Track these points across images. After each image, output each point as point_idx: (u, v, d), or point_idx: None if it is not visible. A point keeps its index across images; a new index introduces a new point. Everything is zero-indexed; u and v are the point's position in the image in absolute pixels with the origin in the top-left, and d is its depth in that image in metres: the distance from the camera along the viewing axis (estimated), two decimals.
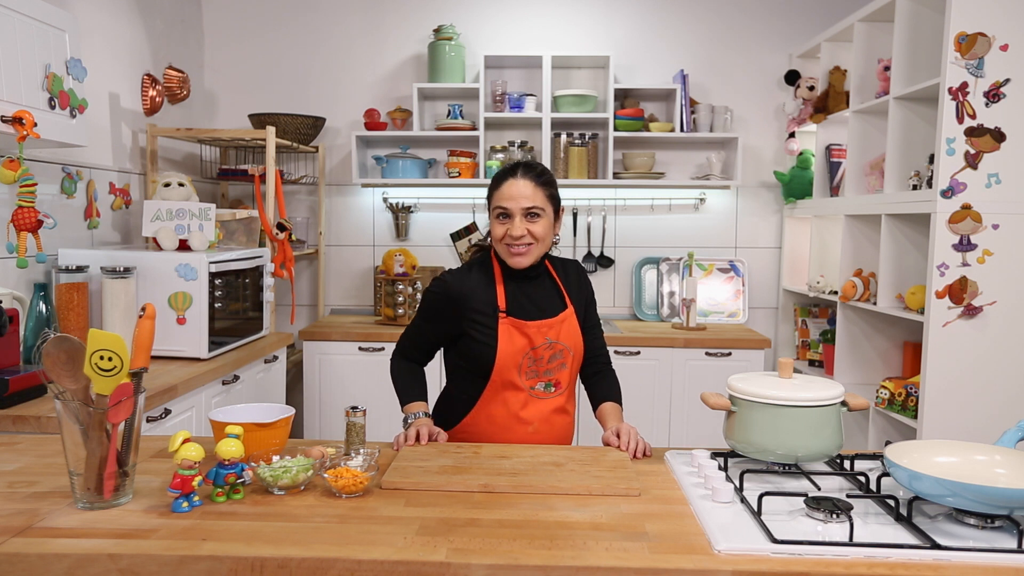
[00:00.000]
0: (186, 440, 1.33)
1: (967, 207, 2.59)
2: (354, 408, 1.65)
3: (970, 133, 2.57)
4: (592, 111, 3.82)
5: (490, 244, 1.99)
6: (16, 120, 2.04)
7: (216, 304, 2.70)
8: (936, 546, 1.18)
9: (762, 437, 1.50)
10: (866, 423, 3.16)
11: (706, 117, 3.85)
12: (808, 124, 3.75)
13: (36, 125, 2.09)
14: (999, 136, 2.56)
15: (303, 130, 3.72)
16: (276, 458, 1.48)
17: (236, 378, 2.80)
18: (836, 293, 3.41)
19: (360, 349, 3.57)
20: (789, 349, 3.99)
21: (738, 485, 1.41)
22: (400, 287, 3.66)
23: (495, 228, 1.90)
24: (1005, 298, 2.62)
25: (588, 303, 2.05)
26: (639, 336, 3.57)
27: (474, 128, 3.82)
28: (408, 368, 2.01)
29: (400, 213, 4.04)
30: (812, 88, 3.74)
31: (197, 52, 3.94)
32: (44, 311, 2.37)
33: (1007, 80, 2.55)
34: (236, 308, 2.90)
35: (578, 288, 2.03)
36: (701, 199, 4.04)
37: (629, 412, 2.62)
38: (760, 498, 1.30)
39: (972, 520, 1.26)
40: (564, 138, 3.88)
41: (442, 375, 2.07)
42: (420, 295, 3.69)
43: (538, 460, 1.60)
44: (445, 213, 4.09)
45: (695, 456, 1.56)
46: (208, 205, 2.87)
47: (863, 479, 1.43)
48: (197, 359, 2.63)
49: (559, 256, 2.09)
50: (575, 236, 4.08)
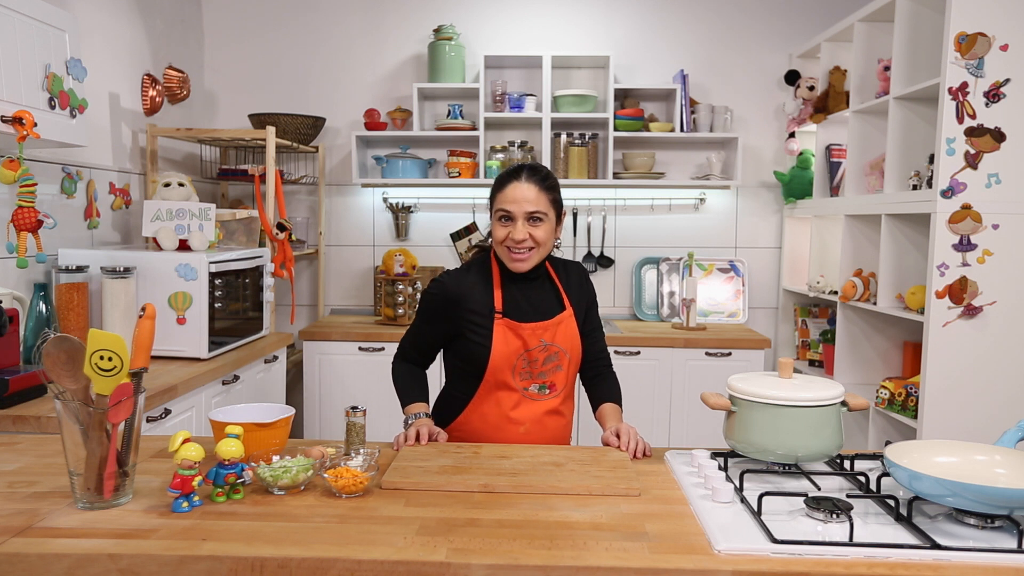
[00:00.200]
0: (186, 440, 1.33)
1: (967, 207, 2.59)
2: (354, 408, 1.65)
3: (970, 133, 2.57)
4: (592, 111, 3.82)
5: (490, 245, 1.99)
6: (16, 120, 2.04)
7: (216, 304, 2.70)
8: (936, 546, 1.18)
9: (762, 437, 1.50)
10: (866, 423, 3.16)
11: (706, 117, 3.85)
12: (808, 124, 3.75)
13: (36, 125, 2.09)
14: (999, 136, 2.57)
15: (303, 130, 3.72)
16: (276, 458, 1.48)
17: (236, 378, 2.80)
18: (836, 293, 3.41)
19: (360, 349, 3.57)
20: (789, 349, 3.99)
21: (738, 485, 1.41)
22: (400, 287, 3.66)
23: (497, 230, 1.88)
24: (1005, 298, 2.62)
25: (590, 305, 2.04)
26: (639, 336, 3.57)
27: (474, 128, 3.82)
28: (409, 370, 2.02)
29: (400, 213, 4.04)
30: (812, 88, 3.74)
31: (197, 52, 3.95)
32: (44, 311, 2.37)
33: (1007, 80, 2.55)
34: (236, 308, 2.90)
35: (579, 290, 2.01)
36: (701, 199, 4.04)
37: (629, 412, 2.62)
38: (760, 498, 1.30)
39: (972, 520, 1.26)
40: (564, 138, 3.88)
41: (442, 375, 2.08)
42: (420, 295, 3.69)
43: (538, 460, 1.60)
44: (445, 213, 4.09)
45: (695, 456, 1.56)
46: (208, 205, 2.87)
47: (863, 479, 1.43)
48: (197, 359, 2.63)
49: (561, 257, 2.08)
50: (575, 236, 4.08)
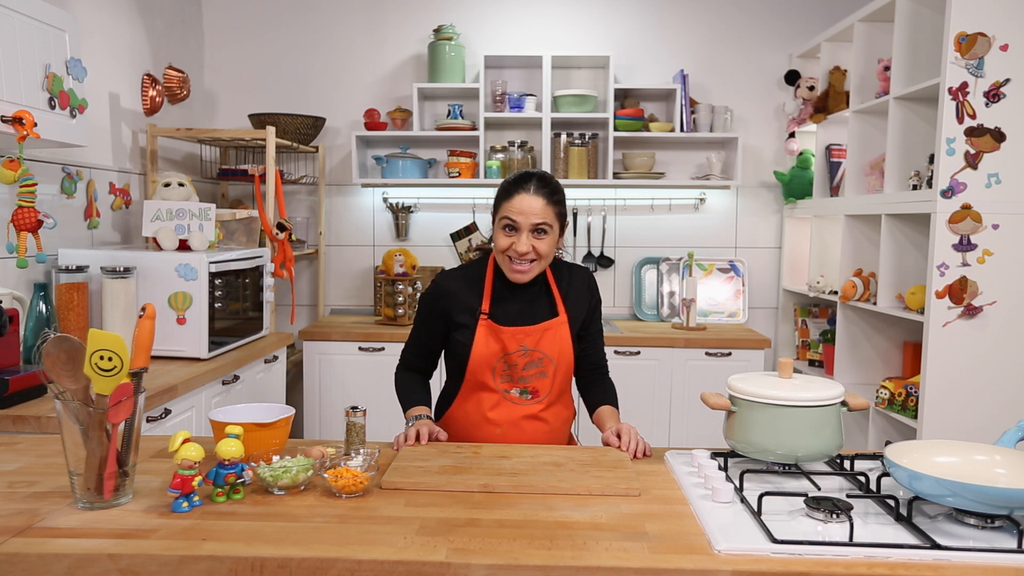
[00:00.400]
0: (186, 440, 1.33)
1: (967, 207, 2.59)
2: (354, 408, 1.65)
3: (970, 133, 2.57)
4: (592, 111, 3.82)
5: (489, 249, 1.99)
6: (16, 120, 2.04)
7: (216, 304, 2.70)
8: (936, 546, 1.18)
9: (762, 437, 1.50)
10: (866, 423, 3.16)
11: (706, 117, 3.85)
12: (808, 124, 3.75)
13: (36, 125, 2.09)
14: (999, 136, 2.56)
15: (303, 130, 3.72)
16: (276, 458, 1.48)
17: (236, 378, 2.80)
18: (836, 293, 3.41)
19: (360, 349, 3.57)
20: (789, 349, 3.99)
21: (738, 485, 1.41)
22: (400, 287, 3.66)
23: (500, 238, 1.86)
24: (1005, 298, 2.62)
25: (593, 310, 2.01)
26: (639, 336, 3.57)
27: (474, 128, 3.82)
28: (410, 377, 2.03)
29: (400, 213, 4.04)
30: (812, 88, 3.74)
31: (197, 52, 3.94)
32: (44, 311, 2.37)
33: (1007, 80, 2.55)
34: (236, 308, 2.90)
35: (580, 297, 1.97)
36: (701, 199, 4.04)
37: (629, 412, 2.62)
38: (760, 498, 1.30)
39: (972, 520, 1.26)
40: (564, 138, 3.88)
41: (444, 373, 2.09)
42: (420, 295, 3.69)
43: (538, 460, 1.60)
44: (445, 213, 4.09)
45: (695, 456, 1.56)
46: (208, 205, 2.87)
47: (863, 479, 1.43)
48: (197, 359, 2.63)
49: (568, 262, 2.04)
50: (575, 236, 4.08)
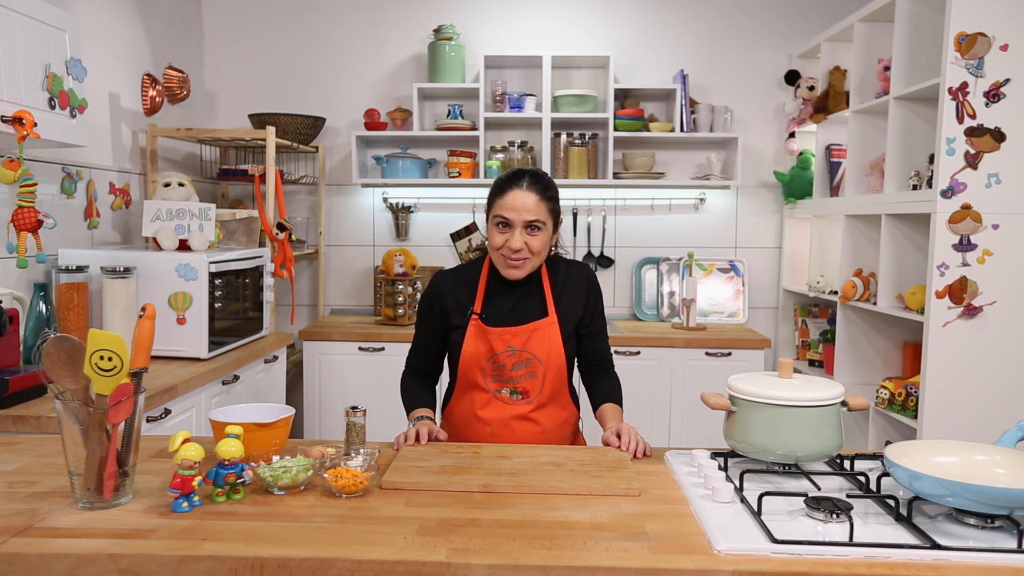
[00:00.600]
0: (186, 440, 1.33)
1: (967, 207, 2.59)
2: (354, 408, 1.65)
3: (970, 133, 2.57)
4: (592, 111, 3.82)
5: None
6: (16, 120, 2.04)
7: (216, 304, 2.70)
8: (936, 546, 1.18)
9: (762, 437, 1.50)
10: (866, 423, 3.16)
11: (706, 117, 3.85)
12: (808, 124, 3.75)
13: (36, 125, 2.09)
14: (999, 136, 2.56)
15: (303, 130, 3.72)
16: (276, 458, 1.48)
17: (236, 378, 2.80)
18: (836, 293, 3.41)
19: (360, 349, 3.57)
20: (789, 349, 3.99)
21: (738, 485, 1.41)
22: (400, 287, 3.66)
23: (494, 236, 1.87)
24: (1005, 298, 2.62)
25: (595, 309, 2.00)
26: (639, 336, 3.57)
27: (474, 128, 3.82)
28: (414, 381, 2.04)
29: (400, 213, 4.04)
30: (812, 88, 3.74)
31: (197, 52, 3.94)
32: (44, 311, 2.37)
33: (1007, 80, 2.55)
34: (236, 308, 2.90)
35: (576, 295, 1.97)
36: (701, 199, 4.04)
37: (629, 412, 2.62)
38: (760, 498, 1.30)
39: (972, 520, 1.26)
40: (564, 138, 3.88)
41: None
42: (420, 295, 3.69)
43: (538, 460, 1.60)
44: (445, 213, 4.09)
45: (695, 456, 1.56)
46: (208, 205, 2.87)
47: (863, 479, 1.43)
48: (197, 359, 2.63)
49: (567, 259, 2.03)
50: (575, 236, 4.08)
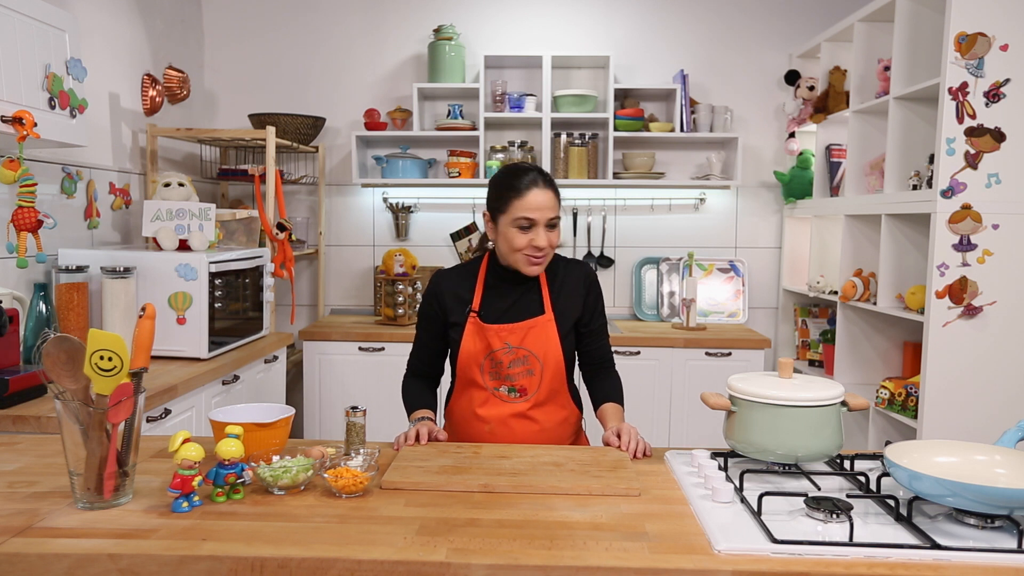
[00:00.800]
0: (186, 440, 1.33)
1: (967, 207, 2.59)
2: (354, 408, 1.65)
3: (970, 133, 2.57)
4: (592, 111, 3.82)
5: (489, 248, 2.00)
6: (16, 120, 2.04)
7: (216, 304, 2.70)
8: (936, 546, 1.18)
9: (762, 437, 1.50)
10: (866, 423, 3.16)
11: (706, 117, 3.85)
12: (808, 124, 3.75)
13: (36, 125, 2.09)
14: (999, 136, 2.56)
15: (303, 130, 3.72)
16: (276, 458, 1.48)
17: (236, 378, 2.80)
18: (836, 293, 3.41)
19: (360, 349, 3.57)
20: (789, 349, 3.99)
21: (738, 485, 1.41)
22: (400, 287, 3.66)
23: (516, 238, 1.85)
24: (1005, 298, 2.62)
25: (594, 307, 2.01)
26: (639, 336, 3.57)
27: (474, 128, 3.82)
28: (415, 383, 2.05)
29: (400, 213, 4.04)
30: (812, 88, 3.74)
31: (197, 52, 3.94)
32: (44, 311, 2.37)
33: (1007, 80, 2.55)
34: (236, 308, 2.90)
35: (574, 293, 1.97)
36: (701, 199, 4.04)
37: (629, 412, 2.61)
38: (760, 498, 1.30)
39: (972, 520, 1.26)
40: (564, 138, 3.88)
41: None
42: (420, 295, 3.70)
43: (538, 460, 1.60)
44: (445, 213, 4.09)
45: (695, 456, 1.56)
46: (208, 205, 2.87)
47: (863, 479, 1.43)
48: (197, 359, 2.63)
49: (566, 258, 2.04)
50: (575, 236, 4.08)
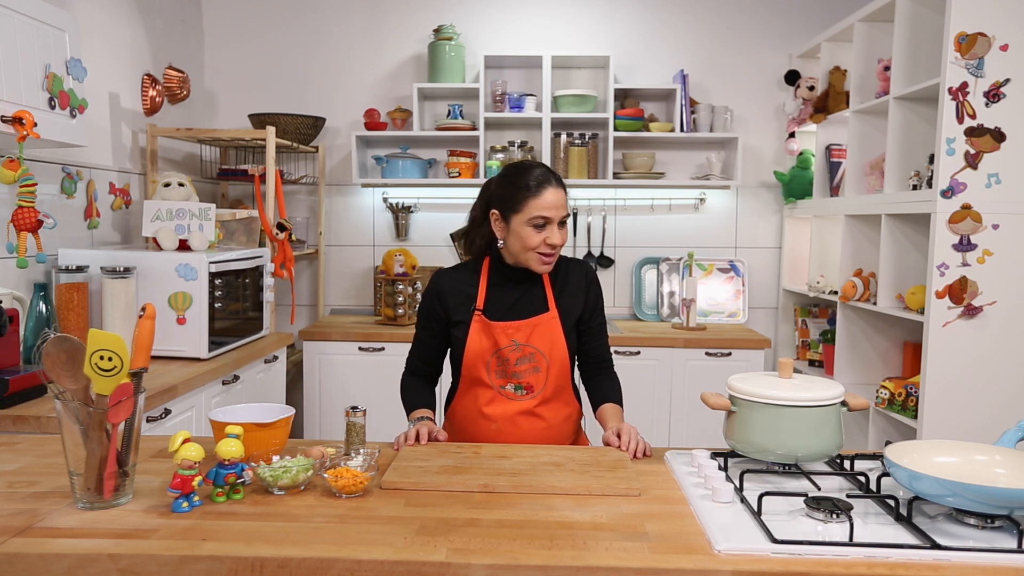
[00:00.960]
0: (186, 440, 1.33)
1: (967, 207, 2.59)
2: (354, 408, 1.65)
3: (970, 133, 2.57)
4: (592, 111, 3.82)
5: (488, 248, 2.00)
6: (16, 120, 2.04)
7: (216, 304, 2.70)
8: (936, 546, 1.18)
9: (762, 437, 1.50)
10: (866, 423, 3.16)
11: (706, 117, 3.85)
12: (808, 124, 3.75)
13: (36, 125, 2.09)
14: (999, 136, 2.56)
15: (303, 130, 3.72)
16: (276, 458, 1.48)
17: (236, 378, 2.80)
18: (836, 293, 3.40)
19: (360, 349, 3.57)
20: (789, 349, 3.99)
21: (738, 485, 1.41)
22: (400, 287, 3.66)
23: (530, 236, 1.86)
24: (1005, 298, 2.62)
25: (593, 305, 2.01)
26: (639, 336, 3.57)
27: (474, 128, 3.82)
28: (414, 382, 2.04)
29: (400, 213, 4.04)
30: (812, 88, 3.74)
31: (197, 52, 3.94)
32: (44, 311, 2.37)
33: (1007, 80, 2.55)
34: (236, 308, 2.90)
35: (576, 292, 1.98)
36: (701, 199, 4.04)
37: (629, 412, 2.61)
38: (760, 498, 1.30)
39: (972, 520, 1.26)
40: (564, 138, 3.88)
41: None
42: (420, 295, 3.70)
43: (538, 460, 1.60)
44: (445, 213, 4.09)
45: (695, 456, 1.56)
46: (208, 205, 2.87)
47: (863, 479, 1.43)
48: (197, 359, 2.63)
49: (567, 256, 2.05)
50: (575, 236, 4.08)
